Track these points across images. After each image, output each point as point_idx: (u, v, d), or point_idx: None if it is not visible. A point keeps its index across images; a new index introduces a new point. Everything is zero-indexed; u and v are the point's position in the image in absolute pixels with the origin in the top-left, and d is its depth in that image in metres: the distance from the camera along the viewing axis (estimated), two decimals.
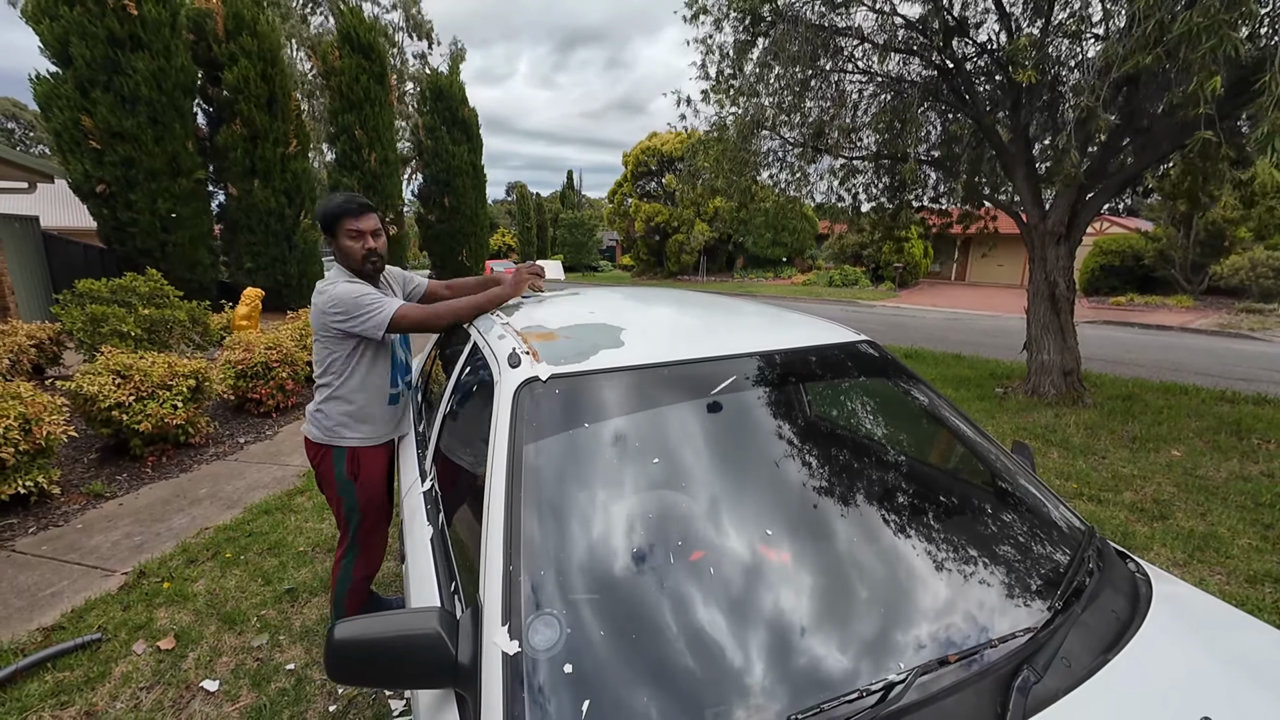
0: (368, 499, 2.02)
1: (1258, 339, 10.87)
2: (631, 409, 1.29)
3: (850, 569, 1.11)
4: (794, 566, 1.09)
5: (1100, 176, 5.42)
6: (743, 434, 1.34)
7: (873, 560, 1.12)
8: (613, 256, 39.95)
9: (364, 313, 1.79)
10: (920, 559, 1.13)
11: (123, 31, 8.86)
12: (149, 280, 6.66)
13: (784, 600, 1.02)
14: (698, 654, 0.92)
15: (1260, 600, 2.53)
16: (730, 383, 1.38)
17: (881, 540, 1.16)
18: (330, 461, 1.97)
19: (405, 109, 21.65)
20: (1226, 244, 15.03)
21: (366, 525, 2.05)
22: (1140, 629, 1.04)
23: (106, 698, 2.05)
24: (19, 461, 3.28)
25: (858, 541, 1.15)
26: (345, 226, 1.85)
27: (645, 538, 1.10)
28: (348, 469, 1.96)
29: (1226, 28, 3.04)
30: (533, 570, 0.97)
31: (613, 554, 1.07)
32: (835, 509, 1.22)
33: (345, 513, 2.02)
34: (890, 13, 5.40)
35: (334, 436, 1.95)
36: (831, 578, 1.08)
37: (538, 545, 1.02)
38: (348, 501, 2.00)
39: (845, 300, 18.40)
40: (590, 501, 1.14)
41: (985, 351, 8.91)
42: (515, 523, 1.02)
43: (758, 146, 6.38)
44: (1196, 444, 4.52)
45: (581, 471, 1.18)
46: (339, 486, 1.98)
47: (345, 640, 0.89)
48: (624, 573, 1.04)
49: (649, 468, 1.22)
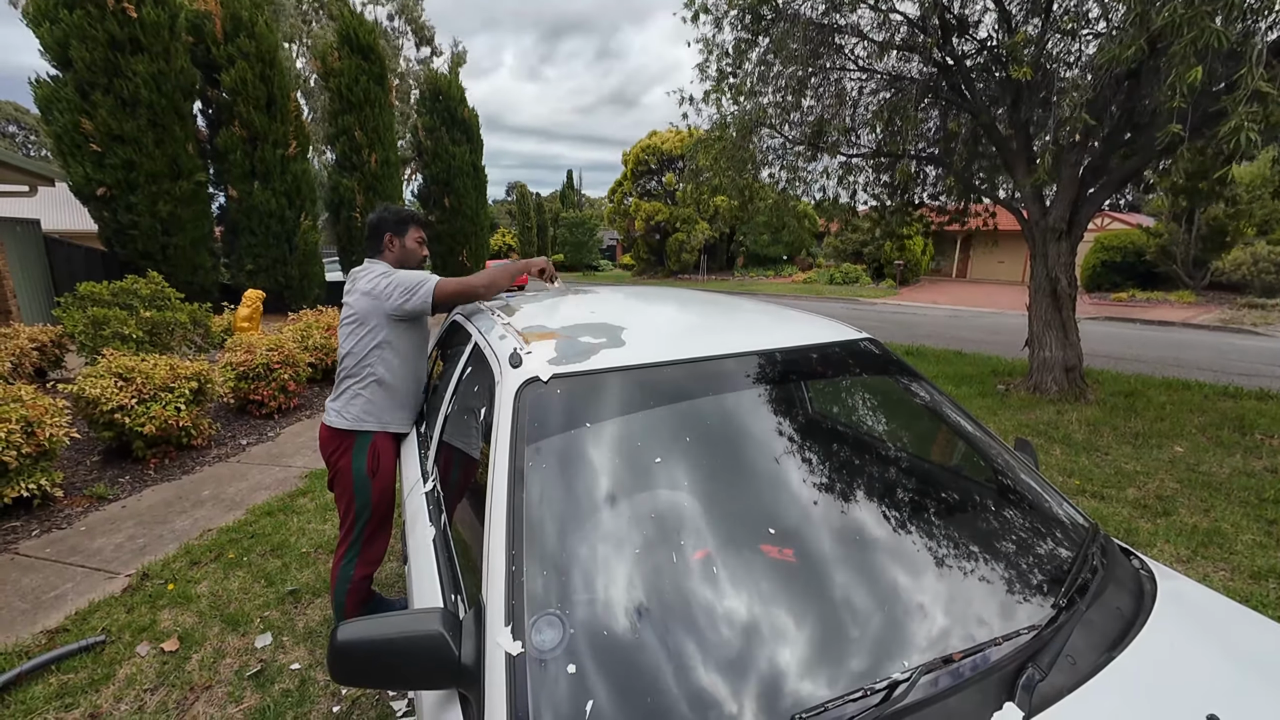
0: (380, 493, 2.02)
1: (1260, 334, 10.84)
2: (633, 408, 1.28)
3: (854, 567, 1.10)
4: (797, 565, 1.09)
5: (1101, 172, 5.41)
6: (745, 433, 1.34)
7: (876, 558, 1.12)
8: (613, 256, 39.94)
9: (419, 288, 1.93)
10: (924, 557, 1.12)
11: (122, 34, 8.86)
12: (150, 283, 6.67)
13: (787, 599, 1.02)
14: (701, 653, 0.91)
15: (1265, 596, 2.52)
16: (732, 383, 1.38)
17: (885, 538, 1.16)
18: (350, 453, 1.97)
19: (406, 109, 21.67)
20: (1228, 239, 15.00)
21: (374, 523, 2.05)
22: (1145, 626, 1.04)
23: (111, 700, 2.05)
24: (21, 464, 3.29)
25: (861, 540, 1.15)
26: (416, 234, 2.12)
27: (648, 537, 1.10)
28: (368, 462, 1.97)
29: (1207, 19, 3.04)
30: (535, 570, 0.97)
31: (616, 554, 1.06)
32: (838, 507, 1.22)
33: (356, 509, 2.01)
34: (889, 10, 5.39)
35: (362, 422, 1.97)
36: (835, 576, 1.08)
37: (540, 545, 1.01)
38: (361, 498, 1.99)
39: (846, 298, 18.38)
40: (593, 501, 1.14)
41: (987, 348, 8.90)
42: (517, 522, 1.02)
43: (758, 145, 6.38)
44: (1199, 440, 4.51)
45: (584, 471, 1.18)
46: (355, 481, 1.97)
47: (348, 642, 0.89)
48: (627, 572, 1.04)
49: (651, 467, 1.22)
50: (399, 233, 2.08)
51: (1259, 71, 3.11)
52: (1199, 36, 3.08)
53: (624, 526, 1.11)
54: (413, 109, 16.51)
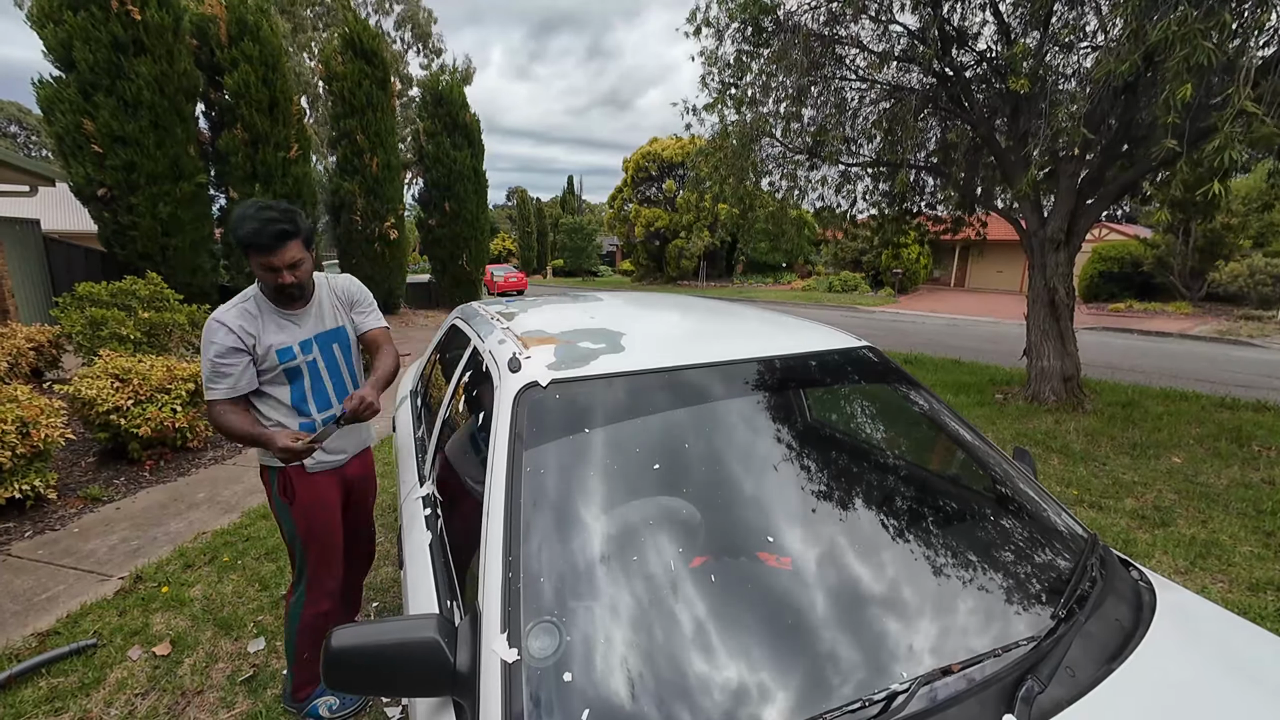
0: (309, 527, 1.83)
1: (1257, 345, 10.88)
2: (632, 414, 1.28)
3: (852, 577, 1.10)
4: (795, 574, 1.08)
5: (1099, 184, 5.44)
6: (744, 440, 1.33)
7: (875, 568, 1.12)
8: (612, 262, 40.01)
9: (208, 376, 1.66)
10: (923, 567, 1.12)
11: (126, 36, 8.90)
12: (149, 284, 6.66)
13: (785, 608, 1.01)
14: (698, 663, 0.91)
15: (1263, 608, 2.52)
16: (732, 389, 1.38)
17: (883, 548, 1.15)
18: (266, 479, 1.85)
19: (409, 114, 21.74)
20: (1225, 251, 15.09)
21: (313, 557, 1.86)
22: (1144, 638, 1.03)
23: (101, 704, 2.03)
24: (16, 465, 3.27)
25: (859, 549, 1.14)
26: (255, 260, 1.62)
27: (646, 544, 1.10)
28: (280, 490, 1.81)
29: (1200, 37, 3.08)
30: (532, 577, 0.96)
31: (613, 561, 1.06)
32: (836, 515, 1.21)
33: (286, 539, 1.90)
34: (890, 21, 5.44)
35: (265, 458, 1.82)
36: (833, 586, 1.07)
37: (537, 551, 1.01)
38: (285, 526, 1.86)
39: (845, 306, 18.42)
40: (591, 507, 1.13)
41: (985, 357, 8.91)
42: (515, 529, 1.02)
43: (758, 154, 6.42)
44: (1197, 450, 4.51)
45: (582, 477, 1.18)
46: (276, 509, 1.85)
47: (342, 648, 0.88)
48: (624, 580, 1.03)
49: (649, 473, 1.21)
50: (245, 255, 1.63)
51: (1246, 90, 3.15)
52: (1191, 54, 3.11)
53: (621, 533, 1.11)
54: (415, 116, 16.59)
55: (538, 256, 39.06)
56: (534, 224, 39.10)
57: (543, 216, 40.90)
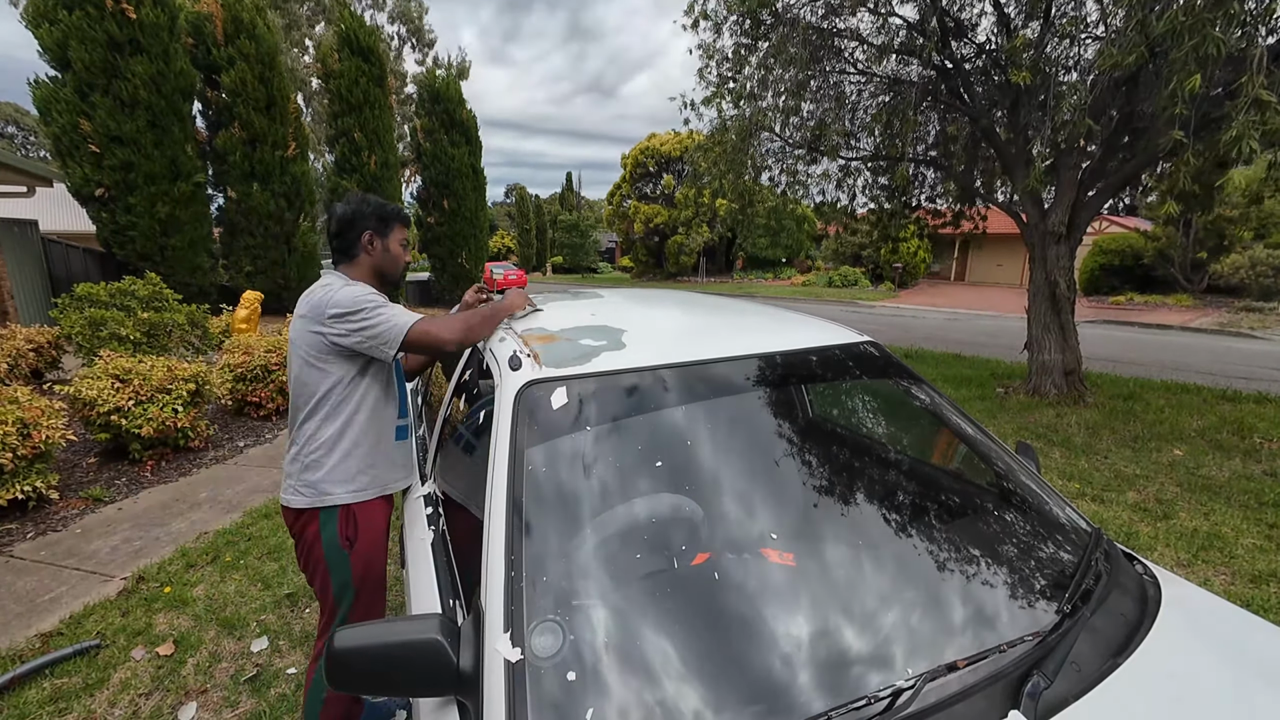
0: (365, 569, 1.56)
1: (1258, 337, 10.87)
2: (634, 411, 1.27)
3: (856, 573, 1.09)
4: (799, 571, 1.08)
5: (1100, 176, 5.42)
6: (746, 436, 1.33)
7: (879, 564, 1.11)
8: (612, 258, 39.96)
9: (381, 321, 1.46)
10: (927, 562, 1.11)
11: (122, 35, 8.86)
12: (148, 284, 6.65)
13: (789, 605, 1.01)
14: (702, 661, 0.90)
15: (1266, 600, 2.52)
16: (733, 386, 1.37)
17: (887, 544, 1.15)
18: (317, 528, 1.52)
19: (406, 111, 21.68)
20: (1226, 243, 15.05)
21: (361, 605, 1.58)
22: (1150, 632, 1.03)
23: (105, 704, 2.03)
24: (17, 466, 3.27)
25: (863, 545, 1.14)
26: (401, 235, 1.65)
27: (649, 542, 1.09)
28: (341, 534, 1.52)
29: (1209, 26, 3.05)
30: (535, 576, 0.96)
31: (616, 559, 1.05)
32: (840, 512, 1.21)
33: (335, 591, 1.54)
34: (889, 14, 5.41)
35: (324, 496, 1.51)
36: (837, 582, 1.07)
37: (540, 550, 1.00)
38: (339, 577, 1.53)
39: (845, 301, 18.40)
40: (593, 505, 1.13)
41: (985, 351, 8.90)
42: (517, 527, 1.01)
43: (757, 148, 6.40)
44: (1199, 443, 4.51)
45: (584, 475, 1.17)
46: (329, 559, 1.52)
47: (346, 649, 0.88)
48: (627, 578, 1.03)
49: (652, 471, 1.21)
50: (379, 232, 1.60)
51: (1259, 79, 3.11)
52: (1200, 44, 3.08)
53: (624, 531, 1.10)
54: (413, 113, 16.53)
55: (537, 253, 39.02)
56: (533, 221, 39.06)
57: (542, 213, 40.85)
